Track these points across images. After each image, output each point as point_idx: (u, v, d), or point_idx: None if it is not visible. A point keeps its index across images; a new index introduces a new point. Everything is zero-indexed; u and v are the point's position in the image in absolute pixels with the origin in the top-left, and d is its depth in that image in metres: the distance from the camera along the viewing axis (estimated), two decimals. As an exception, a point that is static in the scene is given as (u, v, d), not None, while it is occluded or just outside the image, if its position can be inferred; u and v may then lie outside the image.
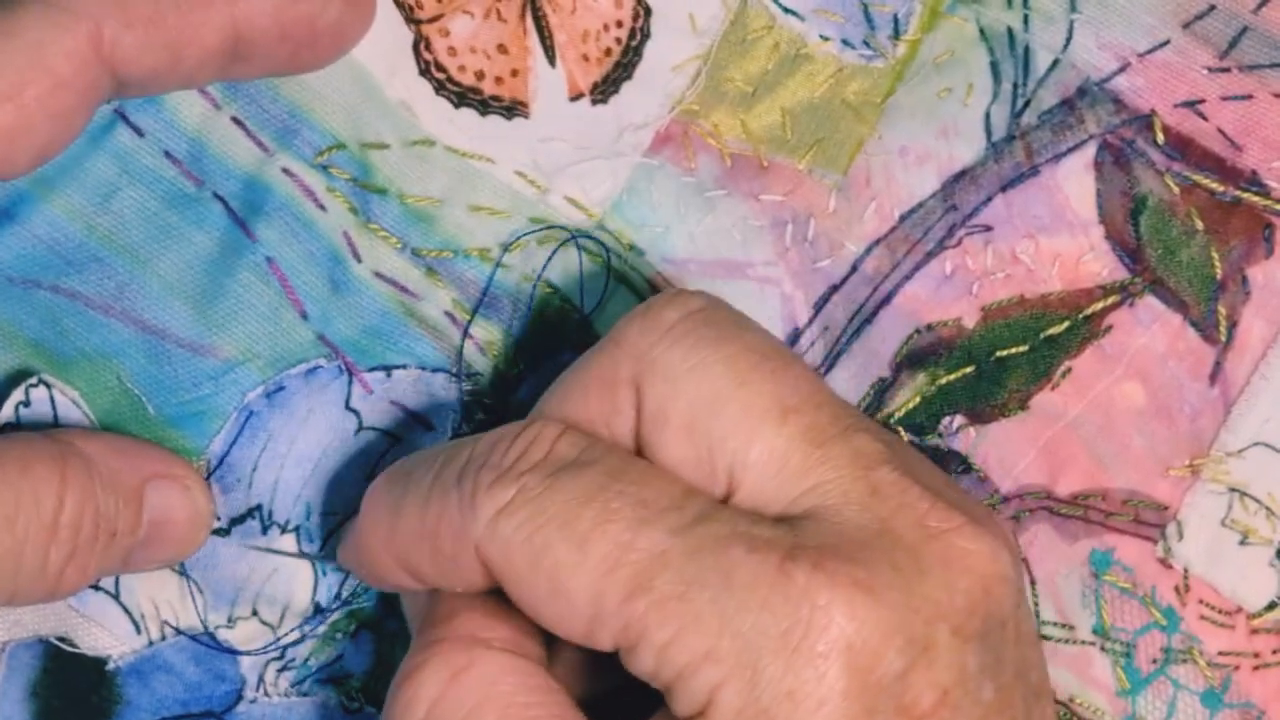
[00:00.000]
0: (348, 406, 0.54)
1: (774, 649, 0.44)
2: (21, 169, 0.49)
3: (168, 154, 0.53)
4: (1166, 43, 0.55)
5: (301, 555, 0.54)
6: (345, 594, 0.54)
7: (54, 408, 0.53)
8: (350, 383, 0.54)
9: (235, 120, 0.54)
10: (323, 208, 0.54)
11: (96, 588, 0.54)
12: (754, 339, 0.48)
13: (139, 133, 0.53)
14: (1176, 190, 0.55)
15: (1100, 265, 0.55)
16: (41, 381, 0.53)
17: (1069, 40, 0.55)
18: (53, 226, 0.53)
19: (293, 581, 0.54)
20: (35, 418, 0.53)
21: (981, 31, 0.55)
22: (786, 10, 0.54)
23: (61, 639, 0.54)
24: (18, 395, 0.53)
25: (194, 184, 0.53)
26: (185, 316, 0.53)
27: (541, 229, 0.54)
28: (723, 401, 0.47)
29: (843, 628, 0.44)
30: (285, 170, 0.54)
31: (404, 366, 0.54)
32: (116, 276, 0.53)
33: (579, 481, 0.46)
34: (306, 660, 0.55)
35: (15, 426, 0.53)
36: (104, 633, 0.54)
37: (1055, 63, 0.55)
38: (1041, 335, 0.55)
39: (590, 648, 0.46)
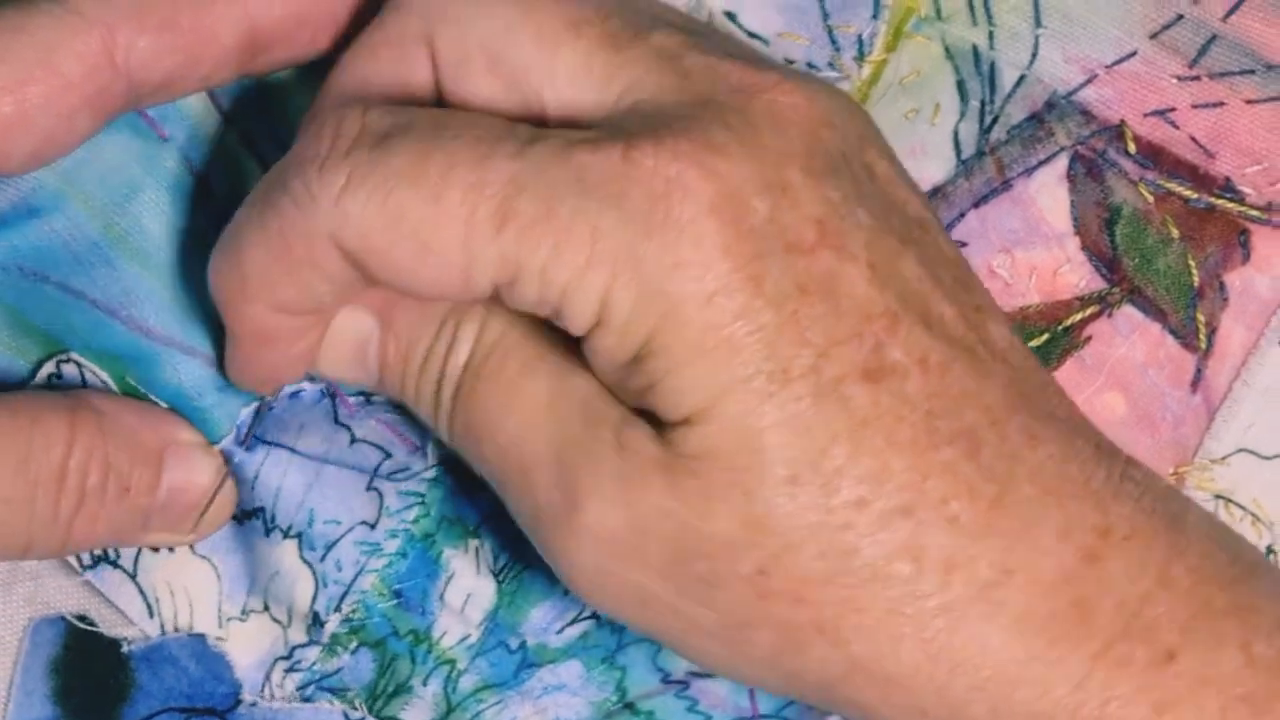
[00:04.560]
0: (337, 422, 0.55)
1: (645, 233, 0.44)
2: (15, 165, 0.50)
3: (187, 160, 0.54)
4: (1134, 53, 0.55)
5: (303, 563, 0.55)
6: (345, 608, 0.55)
7: (84, 384, 0.54)
8: (335, 403, 0.55)
9: (243, 137, 0.55)
10: None
11: (115, 565, 0.55)
12: None
13: (163, 138, 0.54)
14: (1151, 199, 0.55)
15: (1077, 276, 0.55)
16: (72, 359, 0.54)
17: (1035, 55, 0.55)
18: (71, 223, 0.54)
19: (294, 588, 0.55)
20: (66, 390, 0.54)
21: (946, 50, 0.55)
22: (751, 34, 0.55)
23: (80, 617, 0.55)
24: (49, 368, 0.54)
25: (208, 195, 0.54)
26: (190, 327, 0.54)
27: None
28: (515, 32, 0.47)
29: (700, 189, 0.44)
30: None
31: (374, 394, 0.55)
32: (123, 281, 0.54)
33: (409, 139, 0.46)
34: (313, 665, 0.55)
35: None
36: (117, 614, 0.55)
37: (1022, 78, 0.55)
38: (1021, 349, 0.55)
39: (471, 299, 0.47)
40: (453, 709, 0.55)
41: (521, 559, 0.55)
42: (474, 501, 0.55)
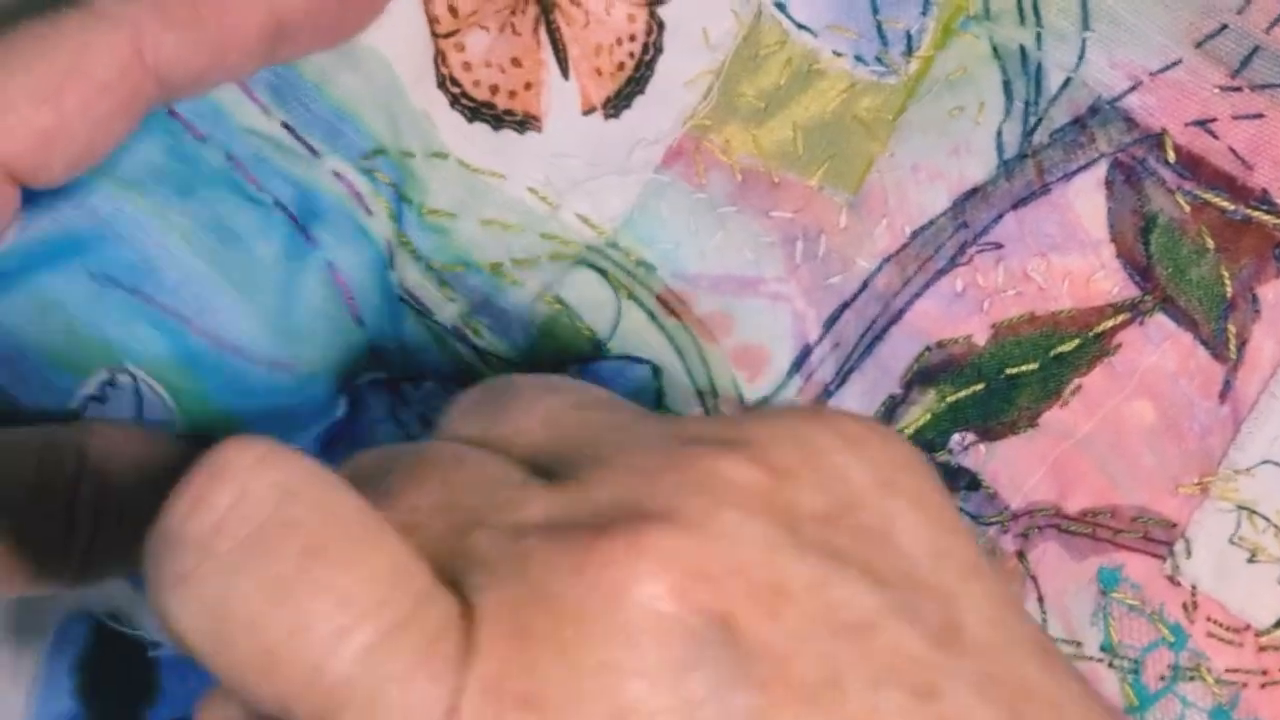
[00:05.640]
0: (393, 416, 0.54)
1: None
2: (57, 175, 0.49)
3: (231, 156, 0.53)
4: (1178, 62, 0.55)
5: None
6: None
7: (139, 394, 0.53)
8: (393, 393, 0.54)
9: (285, 125, 0.54)
10: (370, 212, 0.54)
11: None
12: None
13: (200, 138, 0.53)
14: (1187, 209, 0.55)
15: (1111, 283, 0.55)
16: (128, 370, 0.53)
17: (1081, 58, 0.55)
18: (138, 225, 0.53)
19: None
20: (120, 398, 0.53)
21: (994, 49, 0.55)
22: (800, 26, 0.55)
23: (112, 615, 0.54)
24: (102, 375, 0.53)
25: (256, 189, 0.53)
26: (260, 331, 0.53)
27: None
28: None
29: None
30: (335, 173, 0.54)
31: (423, 378, 0.54)
32: (191, 285, 0.53)
33: None
34: None
35: (99, 403, 0.53)
36: (149, 616, 0.54)
37: (1067, 81, 0.55)
38: (1052, 353, 0.55)
39: None
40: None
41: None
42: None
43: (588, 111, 0.55)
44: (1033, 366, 0.55)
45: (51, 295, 0.52)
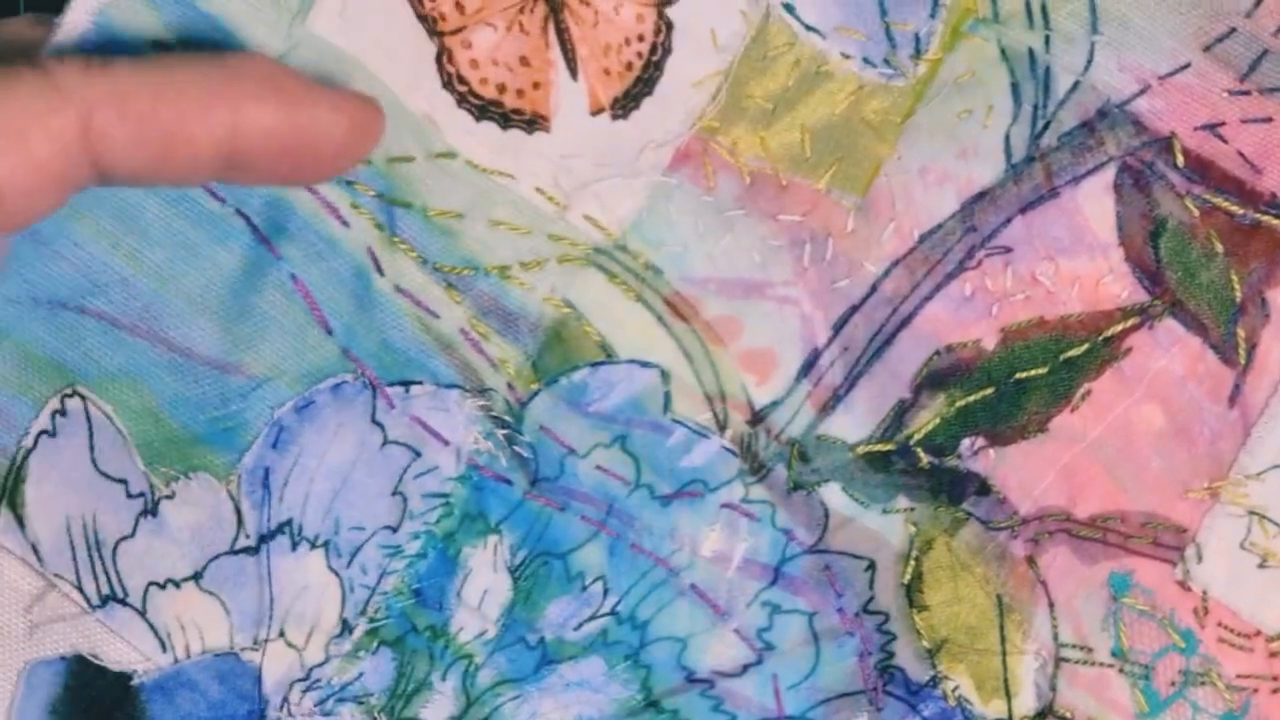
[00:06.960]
0: (373, 420, 0.54)
1: None
2: None
3: None
4: (1187, 65, 0.55)
5: (330, 571, 0.54)
6: (370, 610, 0.54)
7: (89, 420, 0.53)
8: (375, 397, 0.54)
9: None
10: (346, 224, 0.53)
11: (124, 602, 0.53)
12: None
13: None
14: (1196, 213, 0.55)
15: (1120, 287, 0.55)
16: (76, 393, 0.53)
17: (1090, 62, 0.55)
18: (79, 247, 0.53)
19: (321, 599, 0.54)
20: (71, 428, 0.53)
21: (1002, 52, 0.55)
22: (808, 27, 0.54)
23: (90, 652, 0.54)
24: (54, 404, 0.53)
25: (218, 203, 0.53)
26: (212, 335, 0.53)
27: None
28: None
29: None
30: (307, 187, 0.53)
31: (419, 382, 0.54)
32: (142, 297, 0.53)
33: None
34: (330, 680, 0.54)
35: (51, 436, 0.53)
36: (129, 649, 0.54)
37: (1076, 84, 0.55)
38: (1061, 357, 0.55)
39: None
40: (472, 703, 0.54)
41: (539, 555, 0.54)
42: (499, 495, 0.54)
43: (596, 112, 0.54)
44: (1042, 371, 0.55)
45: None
